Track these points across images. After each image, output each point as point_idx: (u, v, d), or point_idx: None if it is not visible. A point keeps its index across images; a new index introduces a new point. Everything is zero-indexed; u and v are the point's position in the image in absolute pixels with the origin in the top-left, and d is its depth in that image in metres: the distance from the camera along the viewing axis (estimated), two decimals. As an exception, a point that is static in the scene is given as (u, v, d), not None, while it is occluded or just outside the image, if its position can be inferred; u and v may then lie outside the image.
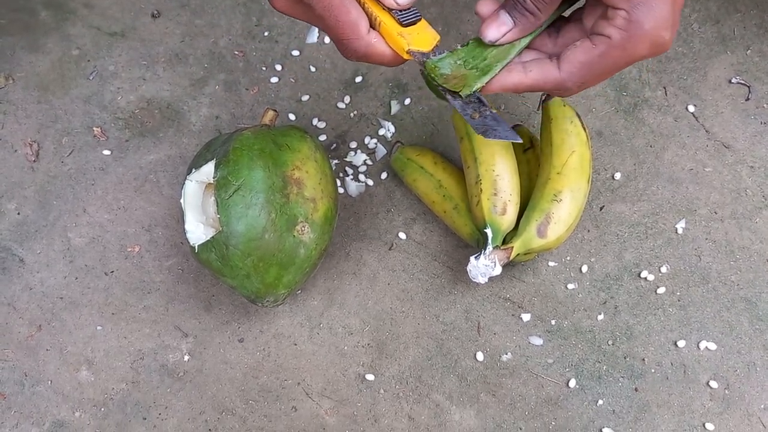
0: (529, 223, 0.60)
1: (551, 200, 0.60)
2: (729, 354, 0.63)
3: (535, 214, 0.60)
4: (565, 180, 0.60)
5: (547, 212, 0.60)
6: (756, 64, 0.73)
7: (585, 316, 0.65)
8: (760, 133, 0.70)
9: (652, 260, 0.66)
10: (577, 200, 0.61)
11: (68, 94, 0.74)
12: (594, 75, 0.48)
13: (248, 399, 0.63)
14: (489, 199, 0.60)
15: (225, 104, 0.73)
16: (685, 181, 0.69)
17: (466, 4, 0.76)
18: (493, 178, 0.60)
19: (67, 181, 0.71)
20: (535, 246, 0.60)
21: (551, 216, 0.60)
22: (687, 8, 0.75)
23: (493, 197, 0.60)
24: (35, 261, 0.68)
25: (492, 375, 0.63)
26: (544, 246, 0.60)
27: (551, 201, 0.60)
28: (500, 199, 0.60)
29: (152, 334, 0.65)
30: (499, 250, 0.59)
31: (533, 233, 0.60)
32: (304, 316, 0.66)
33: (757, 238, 0.67)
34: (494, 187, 0.60)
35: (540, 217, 0.60)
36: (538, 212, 0.60)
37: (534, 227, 0.60)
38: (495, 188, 0.60)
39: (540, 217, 0.60)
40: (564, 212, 0.60)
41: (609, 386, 0.63)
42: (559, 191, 0.60)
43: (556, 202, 0.60)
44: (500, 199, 0.60)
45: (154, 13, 0.77)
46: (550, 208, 0.60)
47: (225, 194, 0.57)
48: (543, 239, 0.60)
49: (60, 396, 0.64)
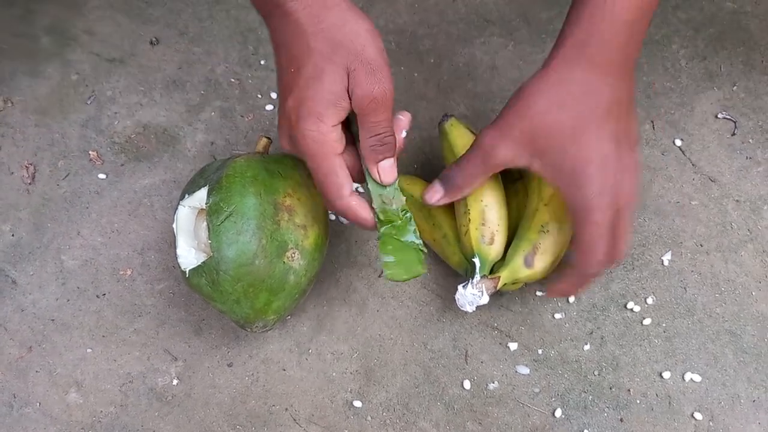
0: (516, 253, 0.61)
1: (538, 231, 0.61)
2: (713, 386, 0.64)
3: (522, 244, 0.61)
4: (553, 211, 0.61)
5: (534, 243, 0.61)
6: (742, 99, 0.74)
7: (571, 345, 0.65)
8: (745, 167, 0.71)
9: (639, 291, 0.67)
10: (564, 231, 0.61)
11: (66, 118, 0.75)
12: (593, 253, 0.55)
13: (236, 424, 0.63)
14: (477, 229, 0.61)
15: (220, 131, 0.74)
16: (671, 214, 0.70)
17: (459, 36, 0.78)
18: (482, 208, 0.61)
19: (62, 204, 0.72)
20: (522, 276, 0.61)
21: (538, 247, 0.61)
22: (675, 44, 0.77)
23: (482, 227, 0.61)
24: (28, 282, 0.68)
25: (479, 403, 0.64)
26: (530, 276, 0.61)
27: (538, 232, 0.61)
28: (488, 229, 0.61)
29: (142, 358, 0.66)
30: (487, 279, 0.60)
31: (520, 263, 0.61)
32: (293, 342, 0.66)
33: (742, 271, 0.67)
34: (482, 218, 0.61)
35: (527, 247, 0.61)
36: (526, 242, 0.61)
37: (521, 257, 0.61)
38: (483, 218, 0.61)
39: (527, 247, 0.61)
40: (551, 243, 0.61)
41: (594, 416, 0.63)
42: (547, 222, 0.61)
43: (543, 233, 0.61)
44: (488, 229, 0.61)
45: (152, 41, 0.78)
46: (538, 238, 0.61)
47: (217, 220, 0.58)
48: (530, 269, 0.61)
49: (48, 418, 0.64)
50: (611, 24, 0.52)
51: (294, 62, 0.50)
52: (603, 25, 0.52)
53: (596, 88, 0.53)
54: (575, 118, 0.53)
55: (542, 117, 0.54)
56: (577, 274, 0.57)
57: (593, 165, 0.53)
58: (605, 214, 0.54)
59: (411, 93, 0.75)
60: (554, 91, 0.54)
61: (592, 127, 0.53)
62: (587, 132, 0.53)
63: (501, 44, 0.78)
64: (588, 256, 0.55)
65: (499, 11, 0.79)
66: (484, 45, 0.78)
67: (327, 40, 0.49)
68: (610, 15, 0.52)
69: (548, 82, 0.54)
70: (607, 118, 0.54)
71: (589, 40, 0.53)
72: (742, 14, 0.78)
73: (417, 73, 0.76)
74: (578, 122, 0.53)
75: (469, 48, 0.77)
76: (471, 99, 0.75)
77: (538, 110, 0.54)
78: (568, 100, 0.53)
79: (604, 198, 0.53)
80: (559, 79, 0.54)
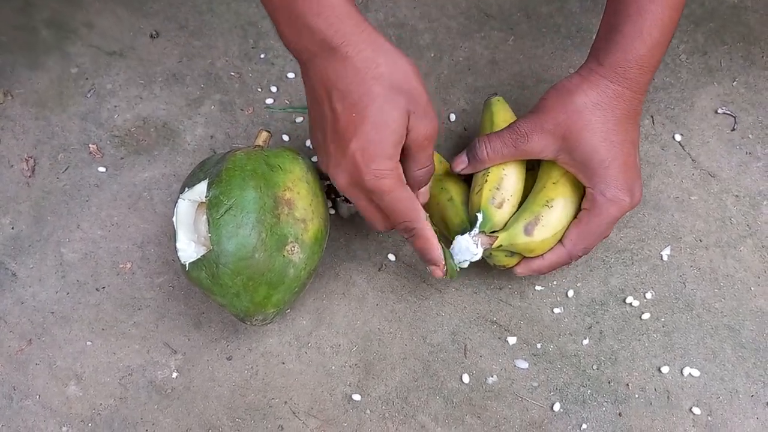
0: (518, 221, 0.62)
1: (543, 205, 0.62)
2: (712, 381, 0.64)
3: (525, 214, 0.62)
4: (560, 190, 0.62)
5: (537, 214, 0.62)
6: (742, 95, 0.74)
7: (570, 340, 0.65)
8: (745, 162, 0.71)
9: (638, 286, 0.67)
10: (567, 210, 0.62)
11: (66, 111, 0.75)
12: (589, 239, 0.61)
13: (235, 417, 0.64)
14: (490, 191, 0.63)
15: (220, 124, 0.74)
16: (670, 209, 0.70)
17: (459, 31, 0.78)
18: (501, 175, 0.63)
19: (62, 197, 0.72)
20: (520, 242, 0.61)
21: (540, 218, 0.61)
22: (675, 39, 0.76)
23: (495, 190, 0.63)
24: (28, 275, 0.68)
25: (477, 397, 0.64)
26: (527, 245, 0.61)
27: (543, 206, 0.62)
28: (500, 194, 0.63)
29: (141, 351, 0.66)
30: (484, 236, 0.62)
31: (520, 230, 0.62)
32: (292, 335, 0.66)
33: (740, 266, 0.67)
34: (499, 183, 0.63)
35: (530, 217, 0.62)
36: (529, 213, 0.62)
37: (522, 225, 0.62)
38: (499, 184, 0.63)
39: (530, 217, 0.62)
40: (554, 218, 0.62)
41: (593, 410, 0.63)
42: (552, 198, 0.62)
43: (547, 208, 0.62)
44: (501, 194, 0.63)
45: (152, 34, 0.78)
46: (541, 211, 0.62)
47: (216, 213, 0.58)
48: (528, 237, 0.61)
49: (48, 411, 0.64)
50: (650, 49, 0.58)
51: (355, 107, 0.53)
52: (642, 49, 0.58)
53: (625, 97, 0.59)
54: (607, 121, 0.59)
55: (579, 115, 0.59)
56: (568, 257, 0.62)
57: (618, 164, 0.59)
58: (621, 211, 0.60)
59: (411, 87, 0.75)
60: (593, 93, 0.59)
61: (620, 131, 0.59)
62: (616, 135, 0.59)
63: (501, 38, 0.78)
64: (589, 244, 0.62)
65: (499, 5, 0.79)
66: (485, 39, 0.78)
67: (387, 84, 0.53)
68: (648, 37, 0.58)
69: (589, 84, 0.59)
70: (632, 125, 0.60)
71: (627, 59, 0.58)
72: (743, 9, 0.78)
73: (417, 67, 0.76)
74: (609, 125, 0.59)
75: (469, 42, 0.77)
76: (471, 93, 0.75)
77: (575, 108, 0.59)
78: (602, 104, 0.59)
79: (624, 196, 0.60)
80: (596, 83, 0.59)
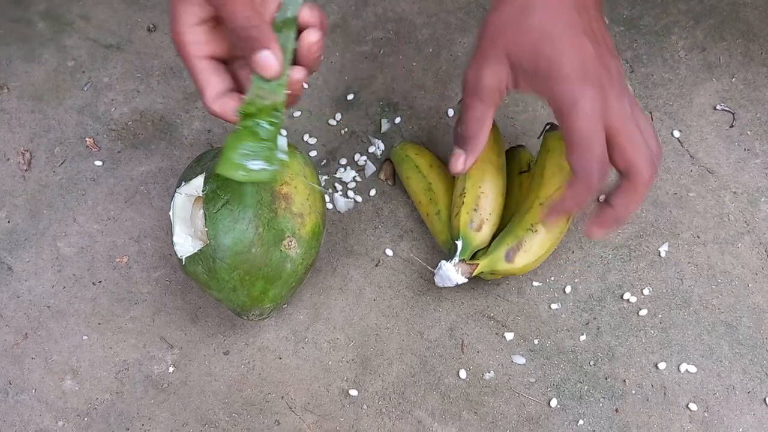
0: (500, 246, 0.62)
1: (527, 229, 0.61)
2: (709, 377, 0.64)
3: (508, 238, 0.62)
4: None
5: (520, 239, 0.61)
6: (741, 91, 0.74)
7: (567, 336, 0.65)
8: (743, 159, 0.71)
9: (635, 282, 0.67)
10: (552, 234, 0.62)
11: (62, 104, 0.75)
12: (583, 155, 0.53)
13: (232, 412, 0.63)
14: (468, 213, 0.62)
15: (217, 119, 0.74)
16: (668, 205, 0.70)
17: (458, 26, 0.78)
18: (478, 194, 0.62)
19: (58, 191, 0.71)
20: (500, 269, 0.61)
21: (523, 244, 0.61)
22: (674, 35, 0.76)
23: (473, 212, 0.62)
24: (23, 269, 0.68)
25: (474, 393, 0.64)
26: (509, 270, 0.61)
27: (527, 230, 0.61)
28: (478, 216, 0.61)
29: (138, 345, 0.66)
30: (464, 264, 0.61)
31: (501, 256, 0.61)
32: (289, 330, 0.66)
33: (738, 263, 0.67)
34: (476, 203, 0.62)
35: (512, 242, 0.61)
36: (512, 237, 0.62)
37: (503, 251, 0.61)
38: (476, 204, 0.62)
39: (512, 242, 0.61)
40: (536, 243, 0.61)
41: (590, 407, 0.63)
42: (536, 222, 0.61)
43: (531, 232, 0.61)
44: (478, 215, 0.61)
45: (150, 27, 0.78)
46: (524, 236, 0.61)
47: (213, 208, 0.57)
48: (509, 264, 0.61)
49: (44, 405, 0.64)
50: None
51: None
52: None
53: None
54: (543, 21, 0.52)
55: (511, 29, 0.53)
56: (579, 181, 0.53)
57: (568, 54, 0.52)
58: (593, 102, 0.51)
59: (409, 82, 0.75)
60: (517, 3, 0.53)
61: (560, 24, 0.52)
62: (557, 29, 0.52)
63: (500, 34, 0.77)
64: (585, 153, 0.52)
65: (498, 0, 0.79)
66: (483, 34, 0.77)
67: None
68: None
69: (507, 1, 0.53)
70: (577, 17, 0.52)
71: None
72: (742, 5, 0.78)
73: (415, 62, 0.76)
74: (547, 24, 0.52)
75: (467, 37, 0.77)
76: (469, 88, 0.75)
77: (504, 24, 0.53)
78: (532, 6, 0.52)
79: (587, 86, 0.51)
80: None
